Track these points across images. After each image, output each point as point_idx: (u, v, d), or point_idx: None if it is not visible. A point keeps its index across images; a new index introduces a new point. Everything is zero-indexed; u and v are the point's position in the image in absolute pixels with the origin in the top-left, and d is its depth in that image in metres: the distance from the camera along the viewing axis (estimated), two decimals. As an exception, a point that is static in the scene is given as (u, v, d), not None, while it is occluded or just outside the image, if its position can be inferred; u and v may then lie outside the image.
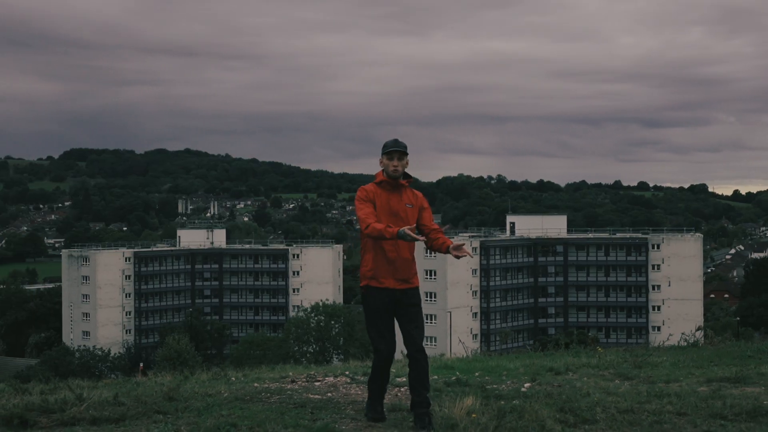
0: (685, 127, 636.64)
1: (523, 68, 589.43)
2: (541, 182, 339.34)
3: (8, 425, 8.05)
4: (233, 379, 11.39)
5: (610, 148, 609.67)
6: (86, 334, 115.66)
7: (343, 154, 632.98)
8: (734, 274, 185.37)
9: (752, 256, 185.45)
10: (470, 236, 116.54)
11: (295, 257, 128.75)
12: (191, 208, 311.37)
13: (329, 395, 9.64)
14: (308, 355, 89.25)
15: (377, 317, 8.12)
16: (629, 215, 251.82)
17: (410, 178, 8.34)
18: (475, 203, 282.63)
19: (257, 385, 10.41)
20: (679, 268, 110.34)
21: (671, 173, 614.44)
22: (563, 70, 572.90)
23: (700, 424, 8.23)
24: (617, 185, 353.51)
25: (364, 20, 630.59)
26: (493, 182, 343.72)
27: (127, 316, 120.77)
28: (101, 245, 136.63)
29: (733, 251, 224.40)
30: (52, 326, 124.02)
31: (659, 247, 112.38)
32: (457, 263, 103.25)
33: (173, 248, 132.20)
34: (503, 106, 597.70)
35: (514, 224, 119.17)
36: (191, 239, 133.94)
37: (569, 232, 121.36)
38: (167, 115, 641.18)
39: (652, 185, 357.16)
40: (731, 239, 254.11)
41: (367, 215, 8.01)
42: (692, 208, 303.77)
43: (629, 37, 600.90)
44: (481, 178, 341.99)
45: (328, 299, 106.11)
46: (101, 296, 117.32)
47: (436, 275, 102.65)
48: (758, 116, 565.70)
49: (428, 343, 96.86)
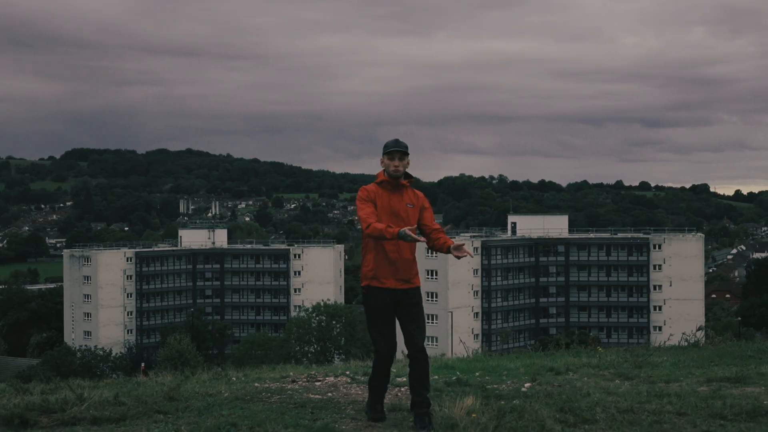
0: (686, 127, 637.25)
1: (524, 68, 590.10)
2: (542, 182, 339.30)
3: (9, 425, 8.06)
4: (234, 379, 11.40)
5: (611, 148, 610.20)
6: (88, 334, 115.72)
7: (344, 154, 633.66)
8: (736, 274, 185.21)
9: (754, 256, 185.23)
10: (471, 236, 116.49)
11: (296, 257, 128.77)
12: (193, 208, 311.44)
13: (330, 395, 9.65)
14: (309, 355, 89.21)
15: (378, 317, 8.13)
16: (631, 215, 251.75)
17: (411, 178, 8.34)
18: (476, 203, 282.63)
19: (258, 385, 10.42)
20: (680, 268, 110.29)
21: (673, 173, 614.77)
22: (565, 70, 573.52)
23: (699, 424, 8.23)
24: (619, 185, 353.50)
25: (365, 20, 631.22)
26: (494, 182, 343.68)
27: (128, 316, 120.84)
28: (103, 245, 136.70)
29: (734, 251, 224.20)
30: (53, 326, 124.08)
31: (661, 247, 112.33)
32: (458, 263, 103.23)
33: (175, 248, 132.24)
34: (505, 106, 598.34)
35: (515, 224, 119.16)
36: (193, 239, 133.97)
37: (571, 232, 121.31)
38: (168, 115, 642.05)
39: (653, 185, 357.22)
40: (733, 239, 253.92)
41: (368, 215, 8.02)
42: (694, 208, 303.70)
43: (631, 37, 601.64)
44: (482, 178, 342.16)
45: (329, 299, 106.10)
46: (103, 296, 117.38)
47: (437, 275, 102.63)
48: (760, 116, 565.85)
49: (429, 343, 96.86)
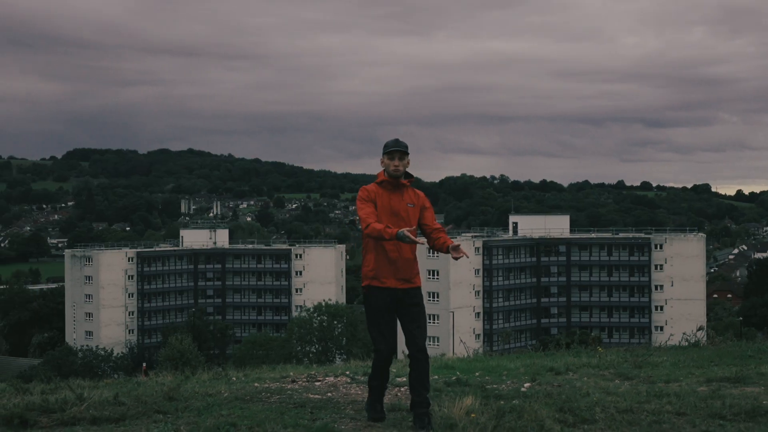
0: (687, 127, 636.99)
1: (525, 68, 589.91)
2: (543, 182, 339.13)
3: (8, 425, 8.07)
4: (234, 379, 11.41)
5: (612, 148, 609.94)
6: (89, 334, 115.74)
7: (345, 154, 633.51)
8: (737, 274, 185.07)
9: (755, 256, 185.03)
10: (473, 236, 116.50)
11: (297, 257, 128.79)
12: (194, 208, 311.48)
13: (329, 395, 9.65)
14: (311, 355, 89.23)
15: (378, 317, 8.13)
16: (632, 215, 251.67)
17: (412, 177, 8.34)
18: (477, 203, 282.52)
19: (257, 385, 10.43)
20: (682, 268, 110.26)
21: (674, 173, 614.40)
22: (566, 70, 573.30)
23: (699, 423, 8.24)
24: (620, 185, 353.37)
25: (365, 20, 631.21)
26: (495, 182, 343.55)
27: (129, 316, 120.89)
28: (104, 245, 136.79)
29: (736, 251, 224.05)
30: (55, 326, 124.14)
31: (662, 247, 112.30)
32: (459, 263, 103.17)
33: (176, 248, 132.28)
34: (506, 106, 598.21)
35: (516, 224, 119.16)
36: (194, 239, 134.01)
37: (572, 232, 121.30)
38: (170, 115, 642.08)
39: (655, 185, 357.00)
40: (734, 239, 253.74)
41: (367, 215, 8.03)
42: (695, 208, 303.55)
43: (631, 37, 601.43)
44: (483, 178, 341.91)
45: (330, 299, 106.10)
46: (104, 296, 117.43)
47: (438, 275, 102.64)
48: (761, 116, 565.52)
49: (431, 343, 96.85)
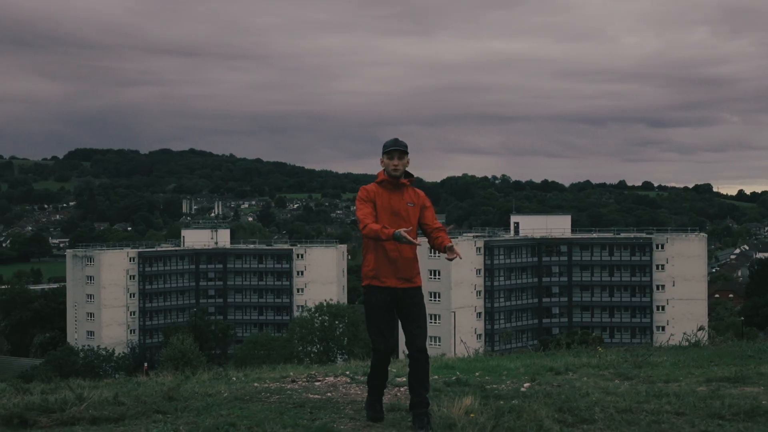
0: (689, 127, 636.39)
1: (526, 68, 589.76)
2: (545, 182, 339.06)
3: (8, 425, 8.08)
4: (234, 379, 11.42)
5: (614, 148, 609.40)
6: (90, 334, 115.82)
7: (347, 154, 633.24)
8: (739, 274, 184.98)
9: (757, 256, 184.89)
10: (474, 236, 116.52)
11: (299, 257, 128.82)
12: (195, 208, 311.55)
13: (329, 395, 9.66)
14: (312, 355, 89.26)
15: (378, 316, 8.12)
16: (634, 215, 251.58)
17: (411, 177, 8.34)
18: (479, 203, 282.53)
19: (257, 385, 10.44)
20: (683, 268, 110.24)
21: (676, 173, 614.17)
22: (567, 70, 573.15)
23: (698, 423, 8.24)
24: (622, 185, 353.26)
25: (368, 20, 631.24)
26: (497, 182, 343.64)
27: (131, 316, 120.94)
28: (106, 245, 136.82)
29: (737, 251, 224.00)
30: (56, 326, 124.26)
31: (663, 247, 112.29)
32: (461, 263, 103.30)
33: (177, 248, 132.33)
34: (507, 105, 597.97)
35: (518, 224, 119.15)
36: (195, 239, 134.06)
37: (573, 232, 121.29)
38: (171, 115, 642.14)
39: (656, 185, 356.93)
40: (736, 239, 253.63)
41: (365, 215, 8.04)
42: (697, 207, 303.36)
43: (633, 37, 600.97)
44: (485, 178, 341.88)
45: (332, 299, 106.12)
46: (105, 296, 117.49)
47: (440, 275, 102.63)
48: (763, 116, 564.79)
49: (432, 342, 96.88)
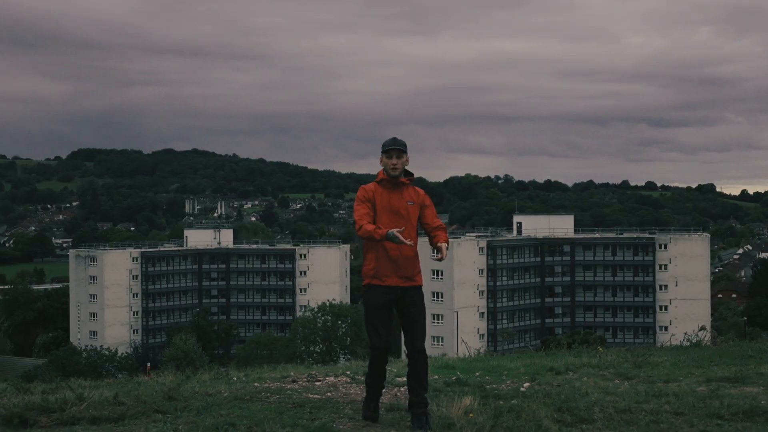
0: (692, 126, 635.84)
1: (530, 68, 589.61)
2: (548, 182, 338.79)
3: (8, 424, 8.10)
4: (234, 378, 11.44)
5: (617, 147, 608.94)
6: (93, 334, 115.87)
7: (350, 154, 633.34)
8: (742, 274, 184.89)
9: (760, 256, 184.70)
10: (477, 236, 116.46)
11: (302, 257, 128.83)
12: (198, 208, 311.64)
13: (328, 395, 9.67)
14: (315, 355, 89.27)
15: (376, 314, 8.12)
16: (637, 215, 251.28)
17: (412, 175, 8.36)
18: (482, 203, 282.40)
19: (257, 384, 10.46)
20: (686, 267, 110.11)
21: (679, 173, 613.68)
22: (571, 69, 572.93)
23: (696, 423, 8.25)
24: (625, 185, 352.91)
25: (371, 20, 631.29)
26: (500, 182, 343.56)
27: (134, 316, 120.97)
28: (109, 245, 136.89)
29: (740, 251, 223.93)
30: (59, 326, 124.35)
31: (666, 247, 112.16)
32: (464, 263, 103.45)
33: (180, 248, 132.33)
34: (510, 105, 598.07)
35: (521, 224, 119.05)
36: (198, 239, 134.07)
37: (576, 231, 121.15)
38: (174, 115, 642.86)
39: (659, 185, 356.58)
40: (739, 239, 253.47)
41: (361, 217, 8.08)
42: (700, 207, 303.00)
43: (637, 36, 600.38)
44: (488, 177, 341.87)
45: (335, 299, 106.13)
46: (108, 296, 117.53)
47: (442, 275, 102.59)
48: (766, 116, 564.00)
49: (435, 343, 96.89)
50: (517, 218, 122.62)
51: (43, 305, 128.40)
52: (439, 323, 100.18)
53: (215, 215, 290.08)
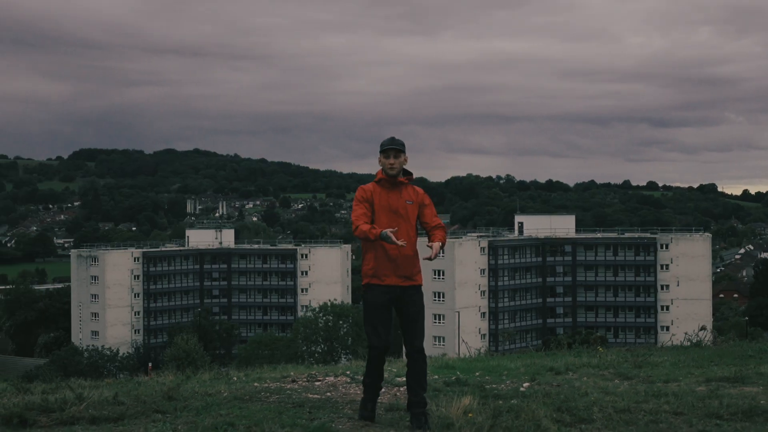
0: (693, 126, 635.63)
1: (531, 68, 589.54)
2: (549, 182, 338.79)
3: (8, 424, 8.10)
4: (234, 378, 11.44)
5: (618, 147, 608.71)
6: (95, 334, 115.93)
7: (351, 154, 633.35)
8: (743, 273, 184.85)
9: (762, 255, 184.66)
10: (478, 236, 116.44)
11: (303, 257, 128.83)
12: (200, 208, 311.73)
13: (328, 395, 9.68)
14: (316, 355, 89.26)
15: (374, 313, 8.13)
16: (638, 215, 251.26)
17: (410, 175, 8.37)
18: (483, 203, 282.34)
19: (257, 384, 10.46)
20: (687, 267, 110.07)
21: (680, 173, 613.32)
22: (571, 69, 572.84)
23: (695, 423, 8.25)
24: (626, 185, 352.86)
25: (372, 20, 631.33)
26: (501, 182, 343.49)
27: (135, 316, 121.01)
28: (110, 245, 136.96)
29: (742, 251, 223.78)
30: (61, 326, 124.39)
31: (668, 246, 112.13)
32: (465, 263, 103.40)
33: (182, 248, 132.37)
34: (511, 105, 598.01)
35: (522, 224, 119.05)
36: (200, 239, 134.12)
37: (578, 231, 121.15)
38: (176, 115, 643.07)
39: (661, 185, 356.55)
40: (740, 239, 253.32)
41: (357, 217, 8.10)
42: (701, 207, 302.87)
43: (637, 36, 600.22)
44: (489, 178, 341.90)
45: (336, 299, 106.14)
46: (110, 296, 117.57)
47: (444, 275, 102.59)
48: (767, 116, 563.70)
49: (436, 343, 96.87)
50: (518, 218, 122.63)
51: (44, 305, 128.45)
52: (440, 323, 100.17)
53: (217, 215, 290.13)
